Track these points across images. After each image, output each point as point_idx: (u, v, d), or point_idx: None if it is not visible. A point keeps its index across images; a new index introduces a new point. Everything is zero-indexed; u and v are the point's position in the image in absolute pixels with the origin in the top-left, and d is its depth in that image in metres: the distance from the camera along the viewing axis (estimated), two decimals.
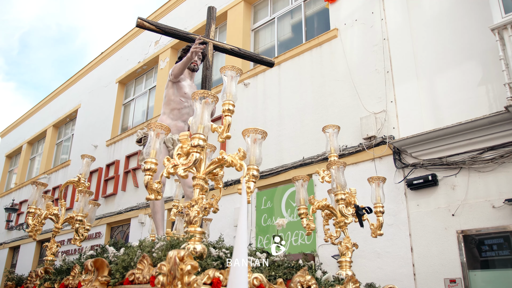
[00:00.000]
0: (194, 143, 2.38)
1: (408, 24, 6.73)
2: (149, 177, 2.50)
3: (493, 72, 5.57)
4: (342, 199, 3.37)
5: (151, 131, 2.63)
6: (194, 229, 2.27)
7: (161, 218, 3.95)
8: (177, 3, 12.02)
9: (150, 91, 12.54)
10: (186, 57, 4.14)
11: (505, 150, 5.29)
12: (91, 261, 2.61)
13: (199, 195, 2.37)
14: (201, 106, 2.45)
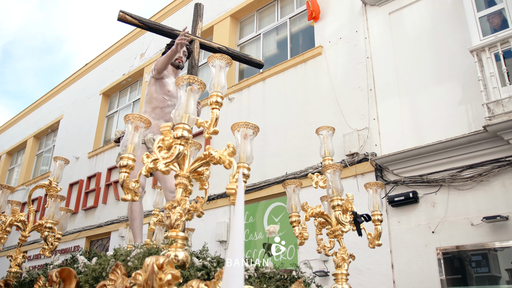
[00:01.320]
0: (178, 134, 2.09)
1: (391, 44, 6.87)
2: (125, 174, 2.24)
3: (472, 92, 5.70)
4: (339, 206, 3.13)
5: (129, 124, 2.34)
6: (176, 233, 1.96)
7: (139, 225, 3.69)
8: (166, 16, 12.02)
9: (134, 104, 12.47)
10: (171, 49, 3.84)
11: (483, 169, 5.39)
12: (56, 271, 2.33)
13: (182, 195, 2.11)
14: (186, 93, 2.17)
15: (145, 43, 12.46)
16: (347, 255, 3.18)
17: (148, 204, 9.95)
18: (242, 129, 2.32)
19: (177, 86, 2.22)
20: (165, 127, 2.22)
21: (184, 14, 11.34)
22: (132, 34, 13.06)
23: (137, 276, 1.69)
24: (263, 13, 9.86)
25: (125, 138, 2.32)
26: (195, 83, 2.20)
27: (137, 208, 3.71)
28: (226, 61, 2.44)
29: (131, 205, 3.67)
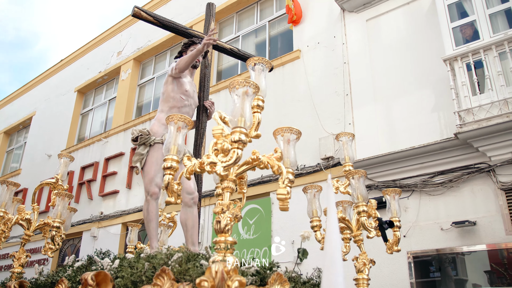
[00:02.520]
0: (235, 138, 2.03)
1: (368, 50, 6.98)
2: (169, 176, 2.19)
3: (445, 100, 5.84)
4: (364, 211, 3.11)
5: (172, 124, 2.28)
6: (225, 238, 1.93)
7: (155, 227, 3.52)
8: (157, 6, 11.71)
9: (110, 102, 12.30)
10: (197, 49, 3.72)
11: (453, 175, 5.53)
12: (92, 275, 2.18)
13: (229, 199, 2.06)
14: (241, 97, 2.12)
15: (123, 41, 12.32)
16: (367, 260, 3.19)
17: (134, 202, 9.83)
18: (286, 134, 2.29)
19: (231, 89, 2.17)
20: (217, 130, 2.19)
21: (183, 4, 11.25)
22: (110, 31, 12.88)
23: (203, 283, 1.61)
24: (242, 15, 9.88)
25: (167, 140, 2.28)
26: (250, 86, 2.15)
27: (153, 209, 3.51)
28: (266, 64, 2.40)
29: (147, 206, 3.47)
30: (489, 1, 5.77)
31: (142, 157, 3.53)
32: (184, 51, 4.07)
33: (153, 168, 3.47)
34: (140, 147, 3.56)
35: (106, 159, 10.67)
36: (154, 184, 3.45)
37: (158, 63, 11.49)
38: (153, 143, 3.55)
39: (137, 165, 3.51)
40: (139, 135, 3.61)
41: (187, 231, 3.46)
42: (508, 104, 5.08)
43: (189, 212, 3.49)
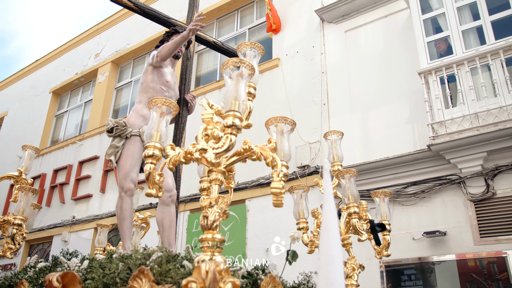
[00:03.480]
0: (228, 122, 1.83)
1: (345, 61, 7.09)
2: (151, 166, 1.95)
3: (419, 112, 5.97)
4: (356, 213, 2.94)
5: (155, 109, 2.06)
6: (212, 236, 1.72)
7: (129, 226, 3.25)
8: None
9: (86, 104, 12.12)
10: (181, 36, 3.47)
11: (426, 186, 5.64)
12: (58, 276, 1.94)
13: (218, 193, 1.84)
14: (235, 78, 1.91)
15: (101, 43, 12.18)
16: (356, 265, 3.03)
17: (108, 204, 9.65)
18: (280, 124, 2.12)
19: (223, 70, 1.95)
20: (207, 115, 1.96)
21: None
22: (88, 33, 12.72)
23: (191, 284, 1.42)
24: (222, 22, 9.90)
25: (149, 125, 2.06)
26: (246, 67, 1.93)
27: (128, 206, 3.24)
28: (258, 50, 2.21)
29: (121, 203, 3.22)
30: (462, 18, 5.95)
31: (117, 150, 3.29)
32: (166, 40, 3.83)
33: (128, 162, 3.25)
34: (115, 139, 3.33)
35: (80, 162, 10.49)
36: (129, 179, 3.21)
37: (136, 66, 11.40)
38: (129, 135, 3.32)
39: (111, 158, 3.28)
40: (114, 126, 3.36)
41: (164, 231, 3.24)
42: (479, 118, 5.23)
43: (166, 210, 3.27)
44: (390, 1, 7.02)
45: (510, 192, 5.17)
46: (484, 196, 5.27)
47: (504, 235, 5.04)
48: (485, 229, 5.18)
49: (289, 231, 5.71)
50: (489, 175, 5.31)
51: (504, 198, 5.18)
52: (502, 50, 5.31)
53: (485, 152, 5.24)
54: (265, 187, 6.96)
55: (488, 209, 5.24)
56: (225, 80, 1.94)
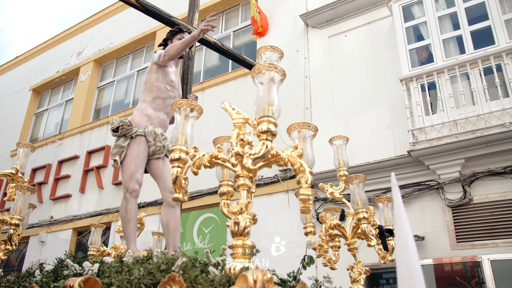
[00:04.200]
0: (263, 128, 1.80)
1: (329, 66, 7.15)
2: (178, 169, 1.88)
3: (400, 118, 6.06)
4: (365, 218, 2.94)
5: (179, 112, 2.00)
6: (243, 242, 1.68)
7: (134, 228, 3.20)
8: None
9: (67, 103, 11.95)
10: (192, 35, 3.45)
11: (405, 191, 5.72)
12: (80, 281, 1.84)
13: (247, 198, 1.81)
14: (266, 82, 1.88)
15: (84, 42, 12.03)
16: (363, 269, 3.03)
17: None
18: (303, 130, 2.10)
19: (254, 75, 1.92)
20: (238, 119, 1.93)
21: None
22: (70, 31, 12.56)
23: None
24: None
25: (174, 128, 2.00)
26: (278, 72, 1.90)
27: (133, 208, 3.20)
28: (279, 54, 2.18)
29: (126, 204, 3.18)
30: (443, 27, 6.07)
31: (122, 150, 3.23)
32: (170, 39, 3.80)
33: (133, 163, 3.21)
34: (120, 139, 3.27)
35: (59, 161, 10.33)
36: (135, 180, 3.18)
37: (119, 66, 11.29)
38: (134, 135, 3.27)
39: (116, 158, 3.22)
40: (120, 125, 3.28)
41: (169, 233, 3.17)
42: (457, 125, 5.33)
43: (171, 213, 3.21)
44: (374, 8, 7.12)
45: (486, 198, 5.28)
46: (461, 202, 5.37)
47: (479, 240, 5.15)
48: (461, 234, 5.28)
49: (270, 234, 5.80)
50: (466, 182, 5.41)
51: (480, 204, 5.29)
52: (480, 59, 5.43)
53: (463, 159, 5.34)
54: None
55: (464, 215, 5.34)
56: (256, 85, 1.91)
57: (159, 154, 3.34)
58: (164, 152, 3.38)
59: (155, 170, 3.34)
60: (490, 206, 5.21)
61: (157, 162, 3.36)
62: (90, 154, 9.83)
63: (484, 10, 5.79)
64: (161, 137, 3.39)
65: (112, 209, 8.72)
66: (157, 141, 3.35)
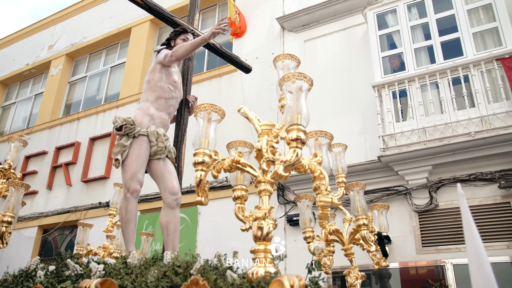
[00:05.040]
0: (292, 136, 1.82)
1: (303, 70, 7.18)
2: (202, 173, 1.88)
3: (371, 124, 6.17)
4: (365, 225, 2.96)
5: (202, 115, 2.00)
6: (265, 247, 1.69)
7: (134, 229, 3.19)
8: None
9: (36, 97, 11.64)
10: (202, 38, 3.47)
11: (375, 196, 5.83)
12: (97, 282, 1.79)
13: (268, 204, 1.82)
14: (295, 91, 1.90)
15: (56, 35, 11.75)
16: (359, 274, 3.06)
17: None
18: (320, 138, 2.12)
19: (282, 83, 1.93)
20: (266, 126, 1.96)
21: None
22: (42, 23, 12.24)
23: None
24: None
25: (196, 132, 2.00)
26: (306, 81, 1.94)
27: (133, 208, 3.18)
28: (296, 62, 2.19)
29: (127, 205, 3.15)
30: (415, 37, 6.22)
31: (124, 149, 3.21)
32: (174, 39, 3.79)
33: (135, 163, 3.20)
34: (122, 138, 3.24)
35: (26, 157, 10.05)
36: (136, 180, 3.17)
37: (92, 61, 11.08)
38: (137, 134, 3.26)
39: (118, 158, 3.19)
40: (123, 124, 3.24)
41: (168, 235, 3.18)
42: (426, 133, 5.47)
43: (171, 214, 3.22)
44: (349, 15, 7.23)
45: (451, 205, 5.44)
46: (427, 207, 5.51)
47: (443, 245, 5.30)
48: (427, 239, 5.43)
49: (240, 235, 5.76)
50: (433, 188, 5.56)
51: (445, 210, 5.45)
52: (449, 70, 5.59)
53: (431, 166, 5.49)
54: (218, 191, 6.95)
55: (430, 220, 5.49)
56: (284, 94, 1.94)
57: (160, 155, 3.34)
58: (165, 153, 3.39)
59: (155, 170, 3.33)
60: (454, 212, 5.37)
61: (158, 162, 3.35)
62: (59, 150, 9.61)
63: (454, 22, 5.97)
64: (163, 137, 3.39)
65: (80, 206, 8.54)
66: (159, 142, 3.34)
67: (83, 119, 9.75)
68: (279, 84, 1.96)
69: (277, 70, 2.19)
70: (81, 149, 9.27)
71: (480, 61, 5.46)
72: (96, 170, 8.80)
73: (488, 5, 5.85)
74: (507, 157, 5.21)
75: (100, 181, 8.61)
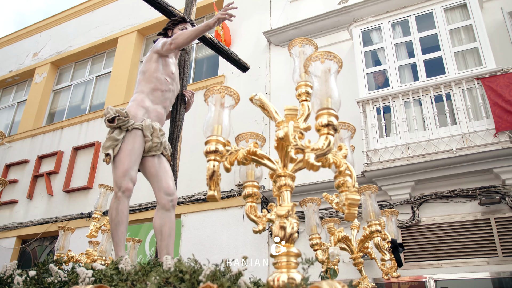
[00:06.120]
0: (323, 121, 1.60)
1: (289, 84, 7.27)
2: (215, 163, 1.63)
3: (355, 139, 6.20)
4: (378, 231, 2.79)
5: (214, 99, 1.78)
6: (288, 249, 1.48)
7: (125, 231, 2.89)
8: None
9: (19, 105, 11.49)
10: (205, 24, 3.21)
11: (358, 210, 5.85)
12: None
13: (291, 201, 1.58)
14: (322, 73, 1.70)
15: (41, 42, 11.66)
16: (369, 285, 2.87)
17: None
18: (343, 130, 1.98)
19: (307, 65, 1.72)
20: (291, 110, 1.71)
21: None
22: (27, 30, 12.13)
23: None
24: None
25: (207, 118, 1.77)
26: (335, 62, 1.74)
27: (125, 209, 2.90)
28: (314, 46, 2.01)
29: (117, 205, 2.88)
30: (399, 54, 6.33)
31: (116, 143, 2.95)
32: (171, 28, 3.58)
33: (128, 158, 2.94)
34: (114, 131, 2.98)
35: (7, 165, 9.87)
36: (129, 178, 2.90)
37: (77, 70, 11.00)
38: (131, 128, 3.00)
39: (110, 152, 2.93)
40: (116, 115, 2.96)
41: (163, 239, 2.91)
42: (409, 149, 5.55)
43: (166, 216, 2.95)
44: (335, 31, 7.34)
45: (432, 220, 5.50)
46: (410, 223, 5.56)
47: (425, 260, 5.34)
48: (409, 254, 5.46)
49: (223, 248, 5.76)
50: (415, 203, 5.62)
51: (427, 226, 5.50)
52: (432, 87, 5.70)
53: (413, 181, 5.55)
54: (202, 203, 6.92)
55: (413, 236, 5.54)
56: (311, 78, 1.75)
57: (155, 151, 3.09)
58: (160, 150, 3.14)
59: (149, 168, 3.07)
60: (436, 228, 5.43)
61: (153, 160, 3.09)
62: (41, 159, 9.47)
63: (437, 41, 6.10)
64: (159, 132, 3.13)
65: (61, 217, 8.40)
66: (155, 137, 3.09)
67: (67, 128, 9.64)
68: (304, 66, 1.76)
69: (293, 57, 2.00)
70: (63, 158, 9.15)
71: (461, 80, 5.58)
72: (78, 180, 8.68)
73: (469, 26, 6.00)
74: (487, 174, 5.31)
75: (83, 191, 8.50)
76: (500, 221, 5.16)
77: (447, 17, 6.17)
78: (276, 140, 1.66)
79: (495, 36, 6.01)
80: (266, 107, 1.89)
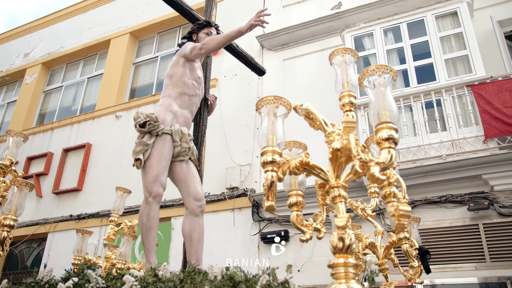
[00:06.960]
0: (383, 135, 1.59)
1: (281, 88, 7.31)
2: (273, 174, 1.66)
3: None
4: (406, 238, 2.74)
5: (268, 109, 1.77)
6: (345, 260, 1.48)
7: (155, 237, 2.90)
8: None
9: (9, 105, 11.39)
10: (238, 31, 3.21)
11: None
12: None
13: (346, 212, 1.59)
14: (377, 86, 1.68)
15: (32, 43, 11.58)
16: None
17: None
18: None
19: (363, 79, 1.70)
20: (351, 123, 1.69)
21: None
22: (18, 30, 12.05)
23: None
24: (164, 37, 9.84)
25: (262, 128, 1.77)
26: (393, 75, 1.70)
27: (156, 214, 2.90)
28: (355, 56, 1.94)
29: (148, 210, 2.88)
30: (391, 60, 6.39)
31: (147, 148, 2.93)
32: (196, 32, 3.56)
33: (158, 164, 2.92)
34: (145, 136, 2.95)
35: None
36: (159, 183, 2.89)
37: (69, 71, 10.94)
38: (161, 133, 2.98)
39: (140, 157, 2.91)
40: (147, 120, 2.93)
41: (192, 245, 2.92)
42: (399, 154, 5.59)
43: (196, 222, 2.96)
44: (327, 37, 7.38)
45: (422, 226, 5.53)
46: None
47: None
48: (398, 259, 5.48)
49: (213, 252, 5.76)
50: None
51: None
52: (423, 93, 5.76)
53: None
54: None
55: None
56: (366, 91, 1.75)
57: (183, 156, 3.06)
58: (189, 155, 3.12)
59: (178, 173, 3.05)
60: (426, 233, 5.47)
61: (181, 165, 3.07)
62: (30, 160, 9.39)
63: (428, 48, 6.16)
64: (187, 137, 3.12)
65: (50, 219, 8.33)
66: (183, 142, 3.07)
67: (57, 129, 9.58)
68: (359, 79, 1.76)
69: (334, 66, 1.99)
70: (53, 160, 9.08)
71: (451, 87, 5.64)
72: (68, 182, 8.62)
73: (459, 34, 6.07)
74: (476, 180, 5.36)
75: (72, 193, 8.44)
76: (488, 227, 5.21)
77: (438, 24, 6.25)
78: (331, 151, 1.72)
79: (484, 44, 6.09)
80: (314, 117, 1.91)
